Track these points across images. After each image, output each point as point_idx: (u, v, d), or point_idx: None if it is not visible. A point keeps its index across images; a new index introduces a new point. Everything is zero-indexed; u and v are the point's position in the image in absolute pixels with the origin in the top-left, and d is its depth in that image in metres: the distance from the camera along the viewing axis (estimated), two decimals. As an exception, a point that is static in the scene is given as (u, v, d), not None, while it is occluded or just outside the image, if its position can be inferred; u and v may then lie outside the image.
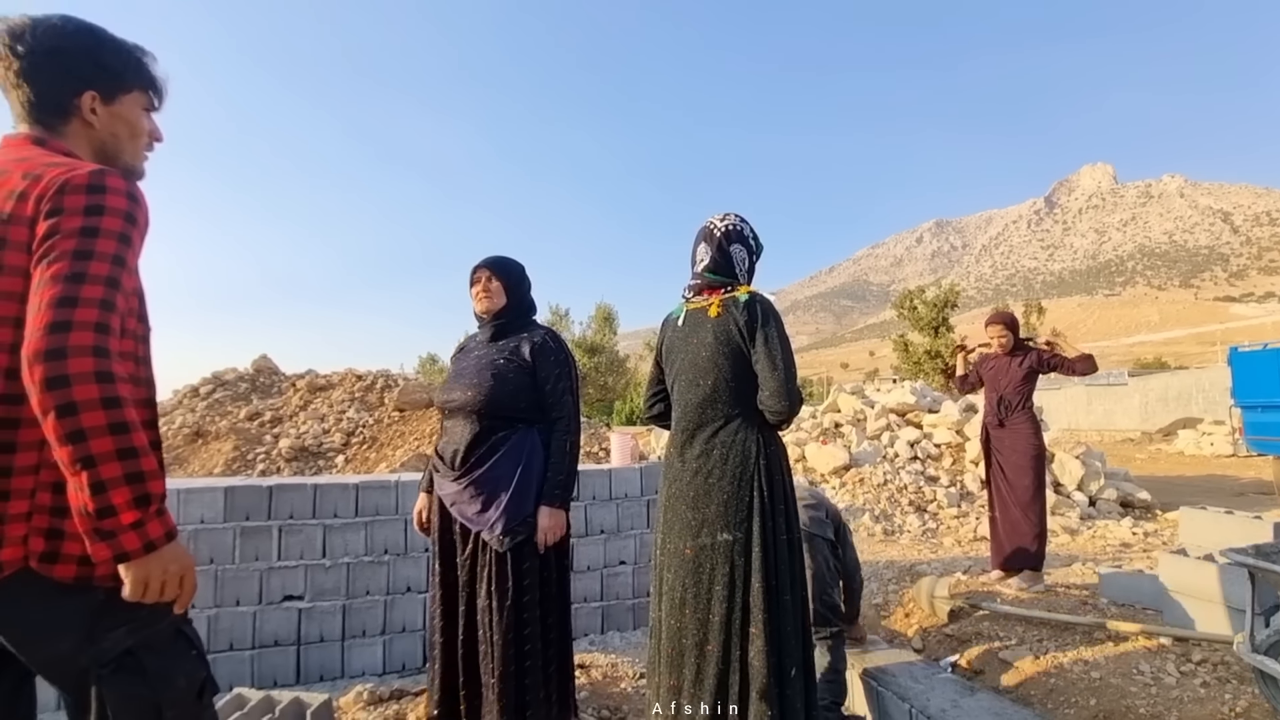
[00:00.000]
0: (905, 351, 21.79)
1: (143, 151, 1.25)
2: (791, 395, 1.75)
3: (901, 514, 6.49)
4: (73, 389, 0.91)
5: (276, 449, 6.02)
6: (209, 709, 1.18)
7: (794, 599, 1.74)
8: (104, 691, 1.03)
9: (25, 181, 1.02)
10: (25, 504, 1.00)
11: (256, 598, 2.99)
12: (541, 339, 2.13)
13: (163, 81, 1.25)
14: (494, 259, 2.20)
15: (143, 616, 1.07)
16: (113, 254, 1.00)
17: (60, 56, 1.12)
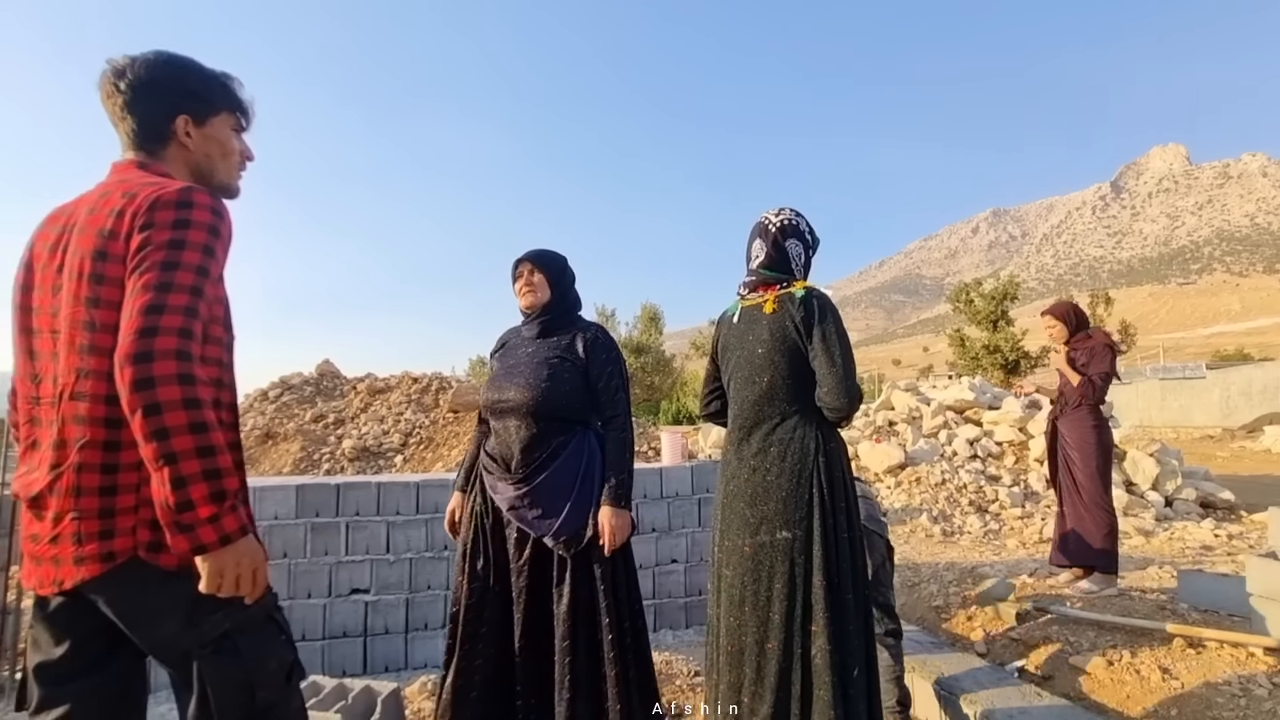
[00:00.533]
0: (962, 346, 21.05)
1: (236, 170, 1.34)
2: (850, 392, 1.73)
3: (961, 514, 6.28)
4: (157, 390, 0.98)
5: (340, 449, 6.29)
6: (296, 691, 1.25)
7: (856, 598, 1.72)
8: (204, 671, 1.11)
9: (123, 200, 1.11)
10: (132, 498, 1.09)
11: (326, 590, 3.14)
12: (594, 335, 2.09)
13: (249, 104, 1.34)
14: (536, 252, 2.12)
15: (238, 602, 1.15)
16: (197, 264, 1.08)
17: (155, 87, 1.22)
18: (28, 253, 1.21)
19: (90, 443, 1.07)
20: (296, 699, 1.25)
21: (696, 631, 3.56)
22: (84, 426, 1.07)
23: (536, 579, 1.94)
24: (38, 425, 1.16)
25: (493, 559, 2.00)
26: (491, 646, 1.95)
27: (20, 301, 1.19)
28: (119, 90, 1.20)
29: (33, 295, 1.17)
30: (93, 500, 1.07)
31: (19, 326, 1.19)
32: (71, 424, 1.08)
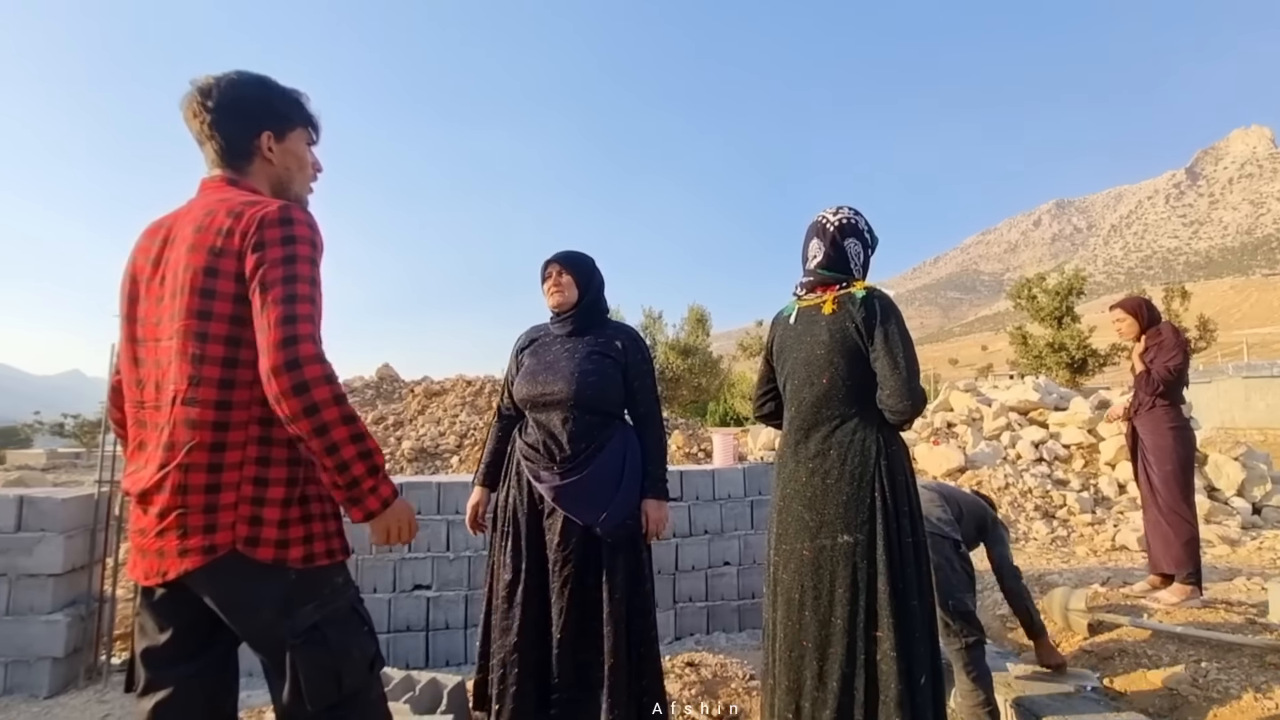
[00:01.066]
0: (1024, 344, 20.15)
1: (309, 182, 1.42)
2: (914, 394, 1.69)
3: (1027, 520, 6.03)
4: (312, 393, 1.11)
5: (400, 450, 6.51)
6: (377, 680, 1.32)
7: (922, 604, 1.68)
8: (295, 659, 1.18)
9: (230, 219, 1.19)
10: (233, 495, 1.17)
11: (390, 586, 3.26)
12: (630, 335, 2.17)
13: (318, 118, 1.42)
14: (564, 253, 2.17)
15: (326, 596, 1.23)
16: (309, 274, 1.18)
17: (240, 106, 1.30)
18: (131, 266, 1.30)
19: (199, 445, 1.16)
20: (377, 687, 1.32)
21: (750, 635, 3.54)
22: (194, 430, 1.16)
23: (581, 568, 1.96)
24: (144, 428, 1.25)
25: (529, 550, 2.01)
26: (530, 637, 1.96)
27: (127, 312, 1.28)
28: (206, 110, 1.28)
29: (139, 306, 1.27)
30: (198, 497, 1.15)
31: (126, 335, 1.29)
32: (181, 427, 1.16)
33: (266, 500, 1.19)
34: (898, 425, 1.78)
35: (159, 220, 1.31)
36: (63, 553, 3.01)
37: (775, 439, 10.69)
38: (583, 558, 1.96)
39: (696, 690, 2.59)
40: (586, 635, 1.94)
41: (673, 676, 2.71)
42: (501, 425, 2.24)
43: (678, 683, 2.64)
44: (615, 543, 1.98)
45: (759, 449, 10.51)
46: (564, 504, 1.97)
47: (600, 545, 1.98)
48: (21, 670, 2.92)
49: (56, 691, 2.93)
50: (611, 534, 1.97)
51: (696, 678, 2.70)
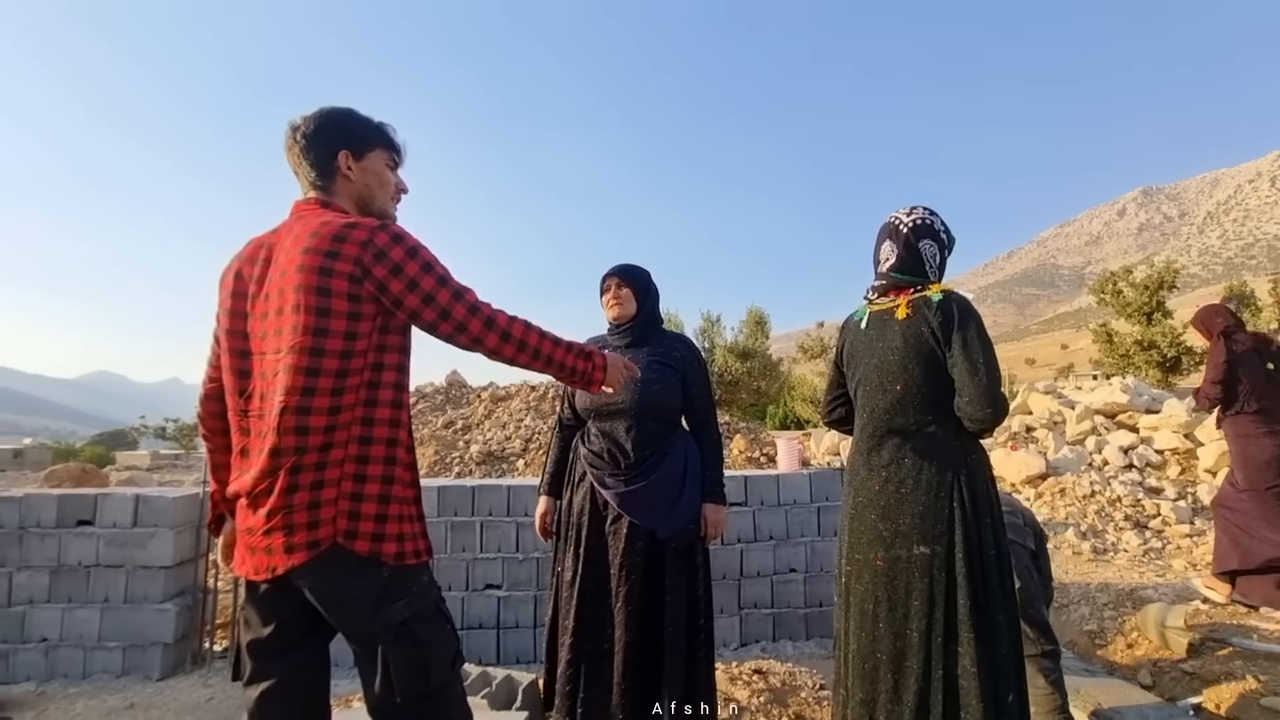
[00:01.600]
0: (1109, 342, 18.87)
1: (391, 200, 1.50)
2: (995, 401, 1.62)
3: (1116, 530, 5.66)
4: (515, 335, 1.40)
5: (468, 453, 6.73)
6: (459, 676, 1.38)
7: (1007, 618, 1.62)
8: (387, 653, 1.25)
9: (334, 243, 1.28)
10: (334, 491, 1.26)
11: (464, 585, 3.38)
12: (687, 345, 2.25)
13: (401, 144, 1.51)
14: (621, 267, 2.24)
15: (415, 593, 1.30)
16: (445, 271, 1.35)
17: (320, 132, 1.41)
18: (236, 282, 1.38)
19: (309, 448, 1.25)
20: (460, 684, 1.38)
21: (818, 644, 3.48)
22: (303, 436, 1.25)
23: (647, 571, 2.01)
24: (247, 434, 1.34)
25: (594, 555, 2.06)
26: (595, 639, 2.01)
27: (230, 327, 1.38)
28: (296, 142, 1.40)
29: (244, 322, 1.36)
30: (304, 495, 1.24)
31: (230, 349, 1.37)
32: (289, 434, 1.25)
33: (364, 497, 1.27)
34: (977, 433, 1.72)
35: (257, 240, 1.40)
36: (172, 547, 3.28)
37: (840, 443, 10.42)
38: (647, 561, 2.01)
39: (766, 698, 2.57)
40: (648, 638, 1.98)
41: (740, 684, 2.69)
42: (563, 435, 2.32)
43: (746, 690, 2.63)
44: (677, 547, 2.03)
45: (822, 453, 10.28)
46: (629, 509, 2.02)
47: (663, 550, 2.03)
48: (137, 654, 3.20)
49: (166, 674, 3.19)
50: (675, 538, 2.03)
51: (765, 685, 2.68)
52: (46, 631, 3.18)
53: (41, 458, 18.94)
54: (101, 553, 3.23)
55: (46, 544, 3.23)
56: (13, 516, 3.24)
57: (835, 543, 3.56)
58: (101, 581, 3.23)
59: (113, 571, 3.23)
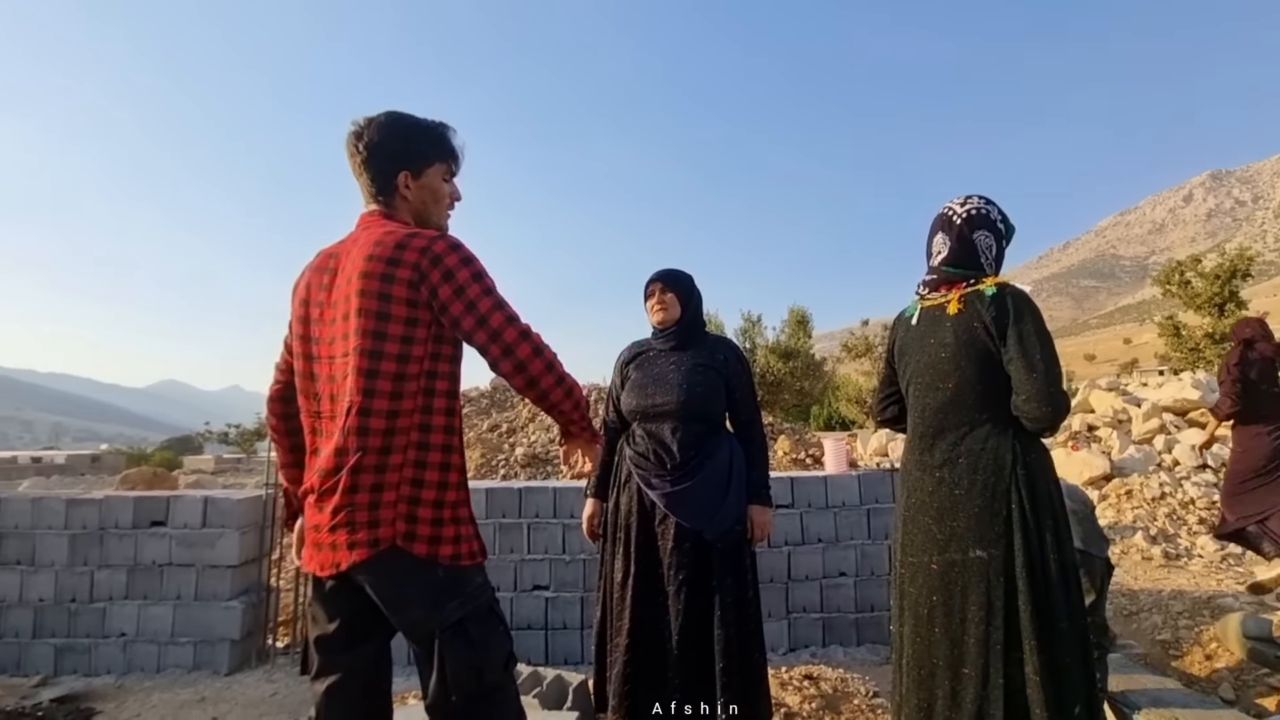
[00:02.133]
0: (1176, 336, 17.90)
1: (446, 212, 1.53)
2: (1054, 400, 1.55)
3: (1189, 534, 5.35)
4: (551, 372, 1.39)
5: (513, 456, 6.85)
6: (511, 677, 1.40)
7: (1073, 626, 1.54)
8: (443, 652, 1.28)
9: (396, 250, 1.32)
10: (394, 494, 1.30)
11: (512, 585, 3.43)
12: (730, 348, 2.27)
13: (459, 150, 1.52)
14: (666, 272, 2.26)
15: (469, 594, 1.33)
16: (492, 283, 1.38)
17: (383, 149, 1.42)
18: (305, 292, 1.45)
19: (369, 449, 1.29)
20: (514, 684, 1.40)
21: (870, 650, 3.39)
22: (365, 437, 1.29)
23: (695, 572, 2.01)
24: (318, 435, 1.40)
25: (642, 556, 2.08)
26: (645, 640, 2.01)
27: (301, 333, 1.44)
28: (358, 151, 1.43)
29: (313, 328, 1.42)
30: (365, 495, 1.28)
31: (301, 353, 1.44)
32: (354, 435, 1.29)
33: (420, 500, 1.31)
34: (1037, 432, 1.64)
35: (327, 251, 1.46)
36: (238, 547, 3.43)
37: (889, 444, 10.16)
38: (695, 562, 2.02)
39: (817, 704, 2.52)
40: (699, 638, 1.99)
41: (791, 689, 2.65)
42: (607, 437, 2.33)
43: (797, 695, 2.58)
44: (724, 548, 2.04)
45: (870, 454, 10.05)
46: (675, 509, 2.04)
47: (710, 550, 2.04)
48: (206, 649, 3.35)
49: (234, 669, 3.34)
50: (721, 539, 2.04)
51: (816, 691, 2.63)
52: (125, 627, 3.36)
53: (116, 462, 20.10)
54: (174, 552, 3.40)
55: (124, 544, 3.42)
56: (94, 518, 3.44)
57: (886, 546, 3.49)
58: (174, 580, 3.39)
59: (184, 570, 3.40)
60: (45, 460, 20.08)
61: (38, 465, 19.24)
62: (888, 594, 3.48)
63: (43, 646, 3.33)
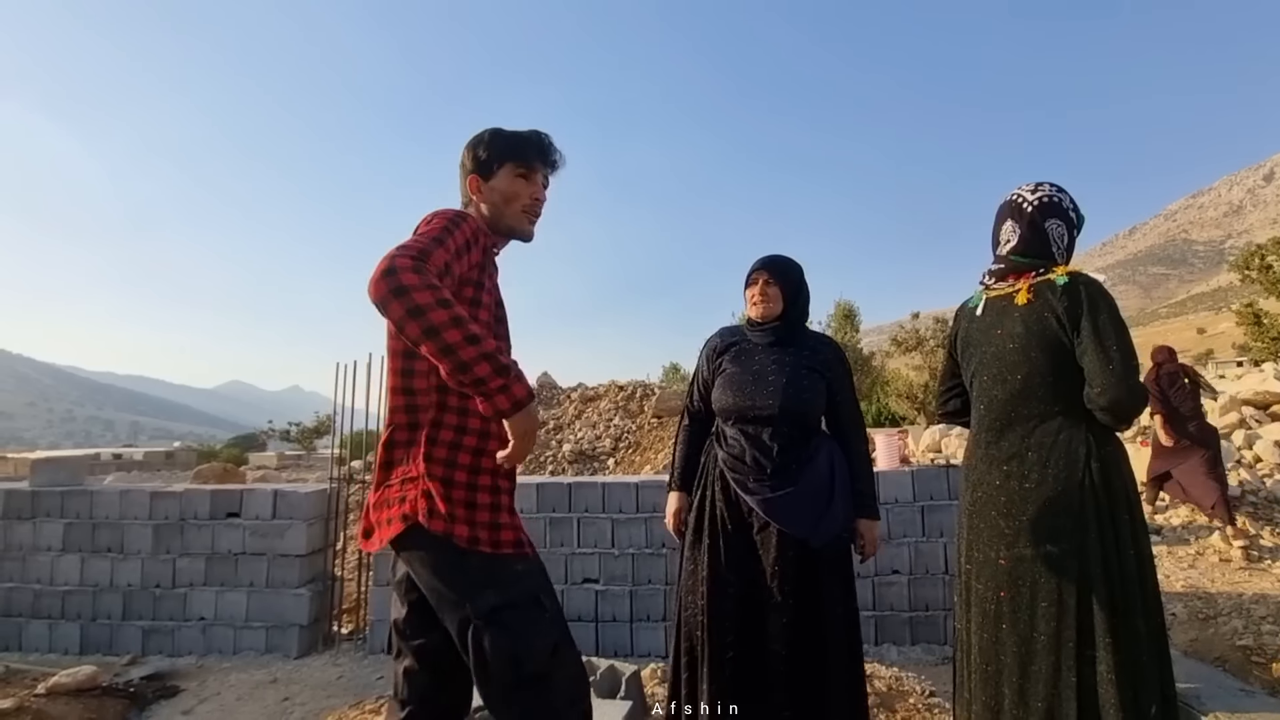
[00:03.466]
0: (1257, 325, 16.76)
1: (520, 213, 1.50)
2: (1132, 391, 1.48)
3: (1273, 535, 5.03)
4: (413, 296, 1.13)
5: (560, 453, 6.95)
6: (565, 663, 1.35)
7: (1148, 624, 1.49)
8: (478, 639, 1.28)
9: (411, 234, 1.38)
10: (416, 469, 1.34)
11: (563, 578, 3.50)
12: (833, 348, 2.09)
13: (534, 152, 1.50)
14: (772, 261, 2.05)
15: (506, 582, 1.33)
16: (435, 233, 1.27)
17: (464, 158, 1.51)
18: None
19: (400, 425, 1.38)
20: (567, 669, 1.37)
21: (924, 649, 3.33)
22: (396, 416, 1.39)
23: (802, 583, 1.87)
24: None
25: (742, 563, 1.92)
26: (750, 654, 1.87)
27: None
28: (461, 162, 1.52)
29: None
30: (398, 472, 1.36)
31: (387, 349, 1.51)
32: (391, 415, 1.40)
33: (437, 479, 1.33)
34: (1112, 425, 1.58)
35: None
36: (305, 537, 3.61)
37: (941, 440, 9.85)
38: (799, 572, 1.87)
39: (872, 702, 2.49)
40: (809, 651, 1.86)
41: (844, 685, 2.63)
42: (693, 428, 2.17)
43: (850, 692, 2.56)
44: (831, 557, 1.90)
45: (922, 450, 9.79)
46: (777, 516, 1.89)
47: (817, 560, 1.88)
48: (278, 634, 3.54)
49: (303, 653, 3.52)
50: (829, 547, 1.89)
51: (871, 690, 2.59)
52: (204, 611, 3.58)
53: (188, 459, 21.29)
54: (247, 542, 3.61)
55: (202, 533, 3.64)
56: (175, 509, 3.67)
57: (942, 544, 3.41)
58: (247, 568, 3.60)
59: (256, 559, 3.59)
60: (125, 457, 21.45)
61: (119, 461, 20.56)
62: (943, 593, 3.40)
63: (131, 628, 3.59)
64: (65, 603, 3.63)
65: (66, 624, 3.61)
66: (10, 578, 3.68)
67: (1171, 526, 5.20)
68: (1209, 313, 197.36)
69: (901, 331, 23.29)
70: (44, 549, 3.69)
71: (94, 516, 3.69)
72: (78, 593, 3.63)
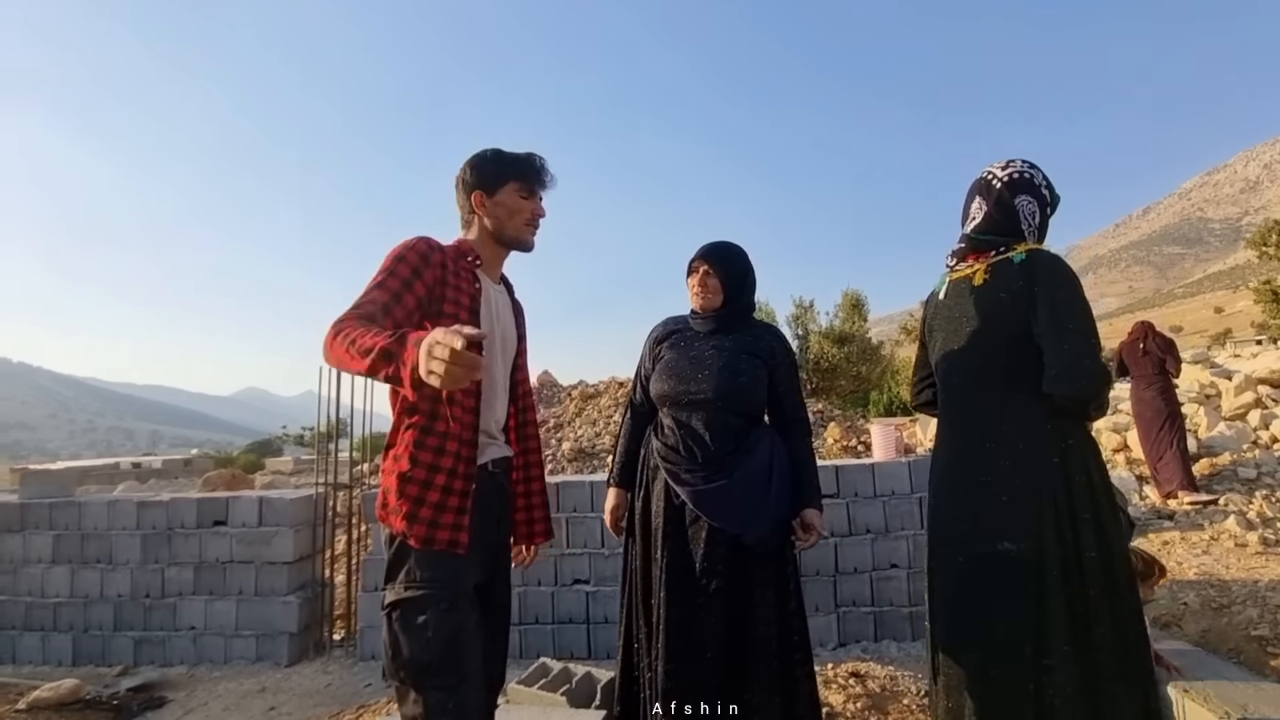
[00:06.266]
0: (1275, 302, 16.38)
1: (523, 227, 1.61)
2: (1089, 375, 1.37)
3: (1291, 518, 4.86)
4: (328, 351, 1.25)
5: (560, 451, 6.89)
6: (429, 696, 1.30)
7: (1115, 634, 1.37)
8: (389, 620, 1.36)
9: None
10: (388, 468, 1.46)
11: (553, 580, 3.44)
12: (776, 336, 2.02)
13: (534, 174, 1.60)
14: (714, 250, 1.99)
15: (405, 579, 1.37)
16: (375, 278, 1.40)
17: (464, 176, 1.58)
18: None
19: (392, 427, 1.49)
20: (437, 697, 1.31)
21: (925, 645, 3.23)
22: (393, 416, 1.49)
23: (731, 579, 1.81)
24: None
25: (673, 558, 1.86)
26: (678, 648, 1.81)
27: None
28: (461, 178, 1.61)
29: None
30: (384, 466, 1.49)
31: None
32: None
33: (393, 474, 1.44)
34: (1075, 413, 1.47)
35: None
36: (292, 544, 3.57)
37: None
38: (730, 569, 1.81)
39: (863, 704, 2.40)
40: (738, 653, 1.80)
41: (836, 687, 2.54)
42: (635, 422, 2.11)
43: (841, 694, 2.47)
44: (764, 555, 1.82)
45: (929, 440, 9.63)
46: (707, 509, 1.83)
47: (748, 557, 1.82)
48: (267, 642, 3.51)
49: (293, 661, 3.48)
50: (760, 544, 1.82)
51: (862, 690, 2.51)
52: (194, 620, 3.56)
53: (206, 466, 21.47)
54: (234, 550, 3.57)
55: (190, 542, 3.61)
56: (162, 519, 3.65)
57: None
58: (236, 576, 3.57)
59: (244, 567, 3.56)
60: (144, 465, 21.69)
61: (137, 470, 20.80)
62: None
63: (123, 639, 3.57)
64: (57, 614, 3.62)
65: (59, 636, 3.60)
66: (2, 590, 3.67)
67: (1184, 511, 5.04)
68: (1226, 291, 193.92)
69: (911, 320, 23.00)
70: (34, 561, 3.68)
71: (82, 528, 3.68)
72: (69, 604, 3.62)
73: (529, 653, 3.24)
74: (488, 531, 1.53)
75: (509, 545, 1.71)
